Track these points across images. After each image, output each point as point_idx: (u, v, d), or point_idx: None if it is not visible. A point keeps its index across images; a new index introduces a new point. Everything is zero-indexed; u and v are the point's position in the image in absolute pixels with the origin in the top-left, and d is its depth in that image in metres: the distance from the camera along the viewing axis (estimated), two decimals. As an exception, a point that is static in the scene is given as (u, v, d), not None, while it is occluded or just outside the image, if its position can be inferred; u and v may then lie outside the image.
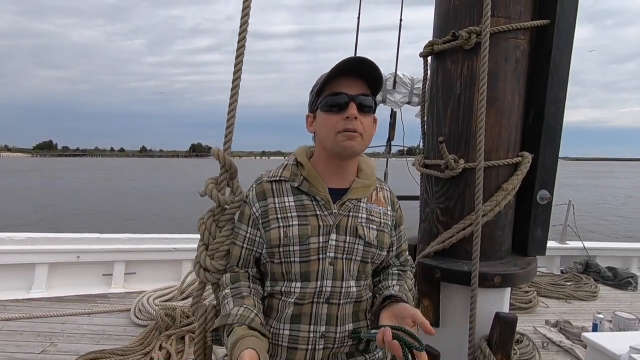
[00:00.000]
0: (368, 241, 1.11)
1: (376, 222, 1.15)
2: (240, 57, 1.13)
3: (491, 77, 1.33)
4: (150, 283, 4.14)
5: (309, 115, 1.15)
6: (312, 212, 1.08)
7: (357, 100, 1.04)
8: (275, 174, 1.14)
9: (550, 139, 1.43)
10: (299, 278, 1.07)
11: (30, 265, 3.97)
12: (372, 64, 1.06)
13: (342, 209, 1.10)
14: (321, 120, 1.08)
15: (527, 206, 1.47)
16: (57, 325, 3.24)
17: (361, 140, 1.06)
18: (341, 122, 1.04)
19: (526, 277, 1.40)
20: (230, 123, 1.14)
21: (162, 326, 3.05)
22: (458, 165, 1.38)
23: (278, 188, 1.12)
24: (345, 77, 1.05)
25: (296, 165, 1.14)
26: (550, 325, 3.58)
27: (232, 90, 1.13)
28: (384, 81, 4.34)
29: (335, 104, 1.04)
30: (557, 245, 5.35)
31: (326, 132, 1.06)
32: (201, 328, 1.14)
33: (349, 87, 1.05)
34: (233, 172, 1.17)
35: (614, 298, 4.47)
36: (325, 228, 1.07)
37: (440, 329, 1.43)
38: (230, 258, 1.14)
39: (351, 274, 1.10)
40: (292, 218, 1.07)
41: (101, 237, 4.44)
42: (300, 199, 1.10)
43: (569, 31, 1.39)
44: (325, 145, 1.09)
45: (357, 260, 1.11)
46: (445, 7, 1.44)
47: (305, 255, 1.06)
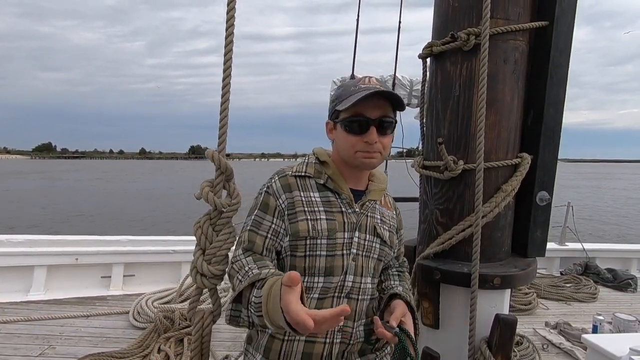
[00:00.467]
0: (384, 240, 1.18)
1: (387, 223, 1.22)
2: (228, 54, 1.10)
3: (490, 79, 1.33)
4: (149, 285, 4.13)
5: (329, 123, 1.18)
6: (338, 208, 1.12)
7: (378, 123, 1.07)
8: (299, 170, 1.16)
9: (550, 140, 1.43)
10: (322, 273, 1.09)
11: (29, 267, 3.96)
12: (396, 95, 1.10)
13: (363, 208, 1.16)
14: (341, 136, 1.12)
15: (527, 207, 1.47)
16: (56, 328, 3.23)
17: (380, 157, 1.11)
18: (360, 144, 1.08)
19: (526, 279, 1.39)
20: (223, 124, 1.12)
21: (161, 329, 3.04)
22: (457, 166, 1.38)
23: (303, 183, 1.14)
24: (369, 99, 1.05)
25: (319, 163, 1.17)
26: (550, 327, 3.58)
27: (223, 90, 1.11)
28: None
29: (356, 126, 1.08)
30: (556, 246, 5.35)
31: (345, 148, 1.11)
32: (198, 334, 1.12)
33: (372, 109, 1.07)
34: (229, 174, 1.15)
35: (614, 300, 4.47)
36: (349, 225, 1.12)
37: (440, 330, 1.43)
38: (252, 246, 1.08)
39: (369, 271, 1.16)
40: (319, 212, 1.10)
41: (100, 239, 4.43)
42: (326, 195, 1.13)
43: (567, 32, 1.40)
44: (345, 158, 1.14)
45: (374, 258, 1.17)
46: (444, 9, 1.44)
47: (332, 249, 1.09)
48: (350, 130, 1.08)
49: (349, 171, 1.16)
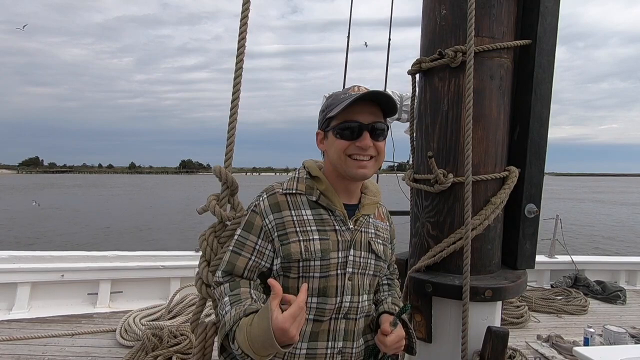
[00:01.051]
0: (379, 255, 1.15)
1: (382, 237, 1.20)
2: (239, 71, 1.14)
3: (477, 94, 1.37)
4: (137, 302, 4.04)
5: (320, 133, 1.15)
6: (331, 227, 1.08)
7: (371, 128, 1.05)
8: (290, 187, 1.11)
9: (536, 153, 1.47)
10: (317, 294, 1.06)
11: (12, 284, 3.84)
12: (388, 95, 1.07)
13: (357, 224, 1.12)
14: (333, 144, 1.08)
15: (515, 220, 1.49)
16: (39, 348, 3.12)
17: (373, 165, 1.09)
18: (353, 147, 1.05)
19: (517, 291, 1.40)
20: (230, 141, 1.16)
21: (149, 347, 2.96)
22: (447, 179, 1.40)
23: (294, 201, 1.09)
24: (359, 103, 1.05)
25: (310, 179, 1.13)
26: (542, 340, 3.58)
27: (232, 108, 1.15)
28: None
29: (348, 131, 1.05)
30: (546, 259, 5.39)
31: (337, 155, 1.07)
32: (200, 346, 1.12)
33: (364, 115, 1.05)
34: (234, 188, 1.18)
35: (604, 312, 4.50)
36: (344, 243, 1.08)
37: (433, 344, 1.43)
38: (232, 268, 1.06)
39: (365, 288, 1.13)
40: (312, 232, 1.06)
41: (86, 254, 4.33)
42: (319, 213, 1.09)
43: (550, 51, 1.45)
44: (336, 167, 1.10)
45: (369, 274, 1.14)
46: (432, 27, 1.49)
47: (325, 270, 1.05)
48: (343, 136, 1.06)
49: (341, 184, 1.12)
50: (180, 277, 4.27)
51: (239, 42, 1.15)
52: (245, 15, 1.15)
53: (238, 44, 1.15)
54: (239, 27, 1.15)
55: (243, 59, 1.16)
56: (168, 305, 3.70)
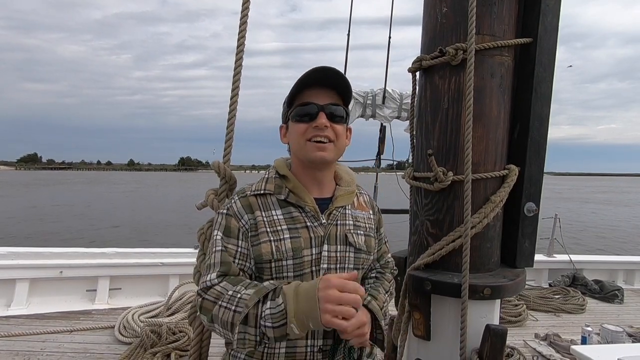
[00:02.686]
0: (358, 248, 1.12)
1: (362, 227, 1.16)
2: (238, 68, 1.15)
3: (478, 92, 1.37)
4: (136, 299, 4.04)
5: (282, 127, 1.15)
6: (302, 224, 1.06)
7: (327, 109, 1.05)
8: (258, 188, 1.09)
9: (536, 152, 1.47)
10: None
11: (11, 280, 3.84)
12: (339, 73, 1.06)
13: (330, 218, 1.10)
14: (292, 130, 1.08)
15: (515, 219, 1.49)
16: (37, 344, 3.12)
17: (333, 149, 1.06)
18: (310, 130, 1.04)
19: (515, 289, 1.41)
20: (229, 137, 1.16)
21: (148, 343, 2.96)
22: (447, 177, 1.40)
23: (263, 202, 1.08)
24: (315, 88, 1.06)
25: (279, 177, 1.11)
26: (539, 338, 3.59)
27: (231, 104, 1.16)
28: (374, 97, 4.41)
29: (305, 113, 1.05)
30: (544, 258, 5.41)
31: (297, 140, 1.07)
32: (198, 338, 1.13)
33: (319, 97, 1.05)
34: (233, 183, 1.19)
35: (601, 311, 4.52)
36: (316, 239, 1.06)
37: (432, 342, 1.43)
38: (229, 268, 1.02)
39: None
40: (282, 231, 1.04)
41: (85, 251, 4.33)
42: (289, 211, 1.07)
43: (551, 49, 1.45)
44: (298, 155, 1.09)
45: (349, 268, 1.11)
46: (433, 25, 1.49)
47: (299, 269, 1.03)
48: (300, 119, 1.05)
49: (309, 175, 1.10)
50: (179, 274, 4.28)
51: (239, 40, 1.15)
52: (245, 15, 1.15)
53: (238, 41, 1.15)
54: (239, 25, 1.15)
55: (242, 56, 1.16)
56: (167, 302, 3.71)
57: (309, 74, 1.03)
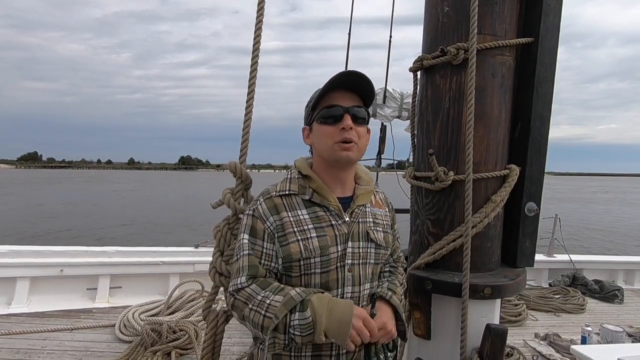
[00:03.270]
0: (379, 244, 1.17)
1: (381, 224, 1.21)
2: (254, 72, 1.17)
3: (479, 92, 1.37)
4: (137, 297, 4.04)
5: (305, 128, 1.19)
6: (327, 222, 1.10)
7: (352, 111, 1.09)
8: (283, 188, 1.13)
9: (537, 152, 1.47)
10: (319, 288, 1.08)
11: (11, 279, 3.84)
12: (364, 76, 1.10)
13: (352, 216, 1.14)
14: (318, 132, 1.12)
15: (515, 218, 1.49)
16: (38, 342, 3.13)
17: (357, 149, 1.11)
18: (337, 133, 1.08)
19: (516, 289, 1.41)
20: (245, 138, 1.19)
21: (148, 342, 2.97)
22: (448, 177, 1.40)
23: (289, 202, 1.11)
24: (339, 91, 1.10)
25: (302, 178, 1.15)
26: (539, 338, 3.59)
27: (247, 106, 1.19)
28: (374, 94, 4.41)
29: (330, 115, 1.09)
30: (545, 258, 5.41)
31: (324, 142, 1.11)
32: (212, 332, 1.14)
33: (343, 100, 1.10)
34: (248, 183, 1.22)
35: (601, 311, 4.52)
36: (341, 237, 1.10)
37: (432, 341, 1.43)
38: (256, 271, 1.07)
39: (367, 277, 1.15)
40: (309, 230, 1.08)
41: (86, 249, 4.34)
42: (314, 211, 1.11)
43: (552, 49, 1.45)
44: (324, 155, 1.13)
45: (370, 263, 1.16)
46: (434, 24, 1.48)
47: (326, 265, 1.08)
48: (326, 121, 1.09)
49: (332, 176, 1.14)
50: (179, 273, 4.28)
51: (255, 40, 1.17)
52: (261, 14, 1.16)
53: (254, 39, 1.18)
54: (255, 27, 1.17)
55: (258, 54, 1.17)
56: (167, 300, 3.71)
57: (334, 78, 1.08)
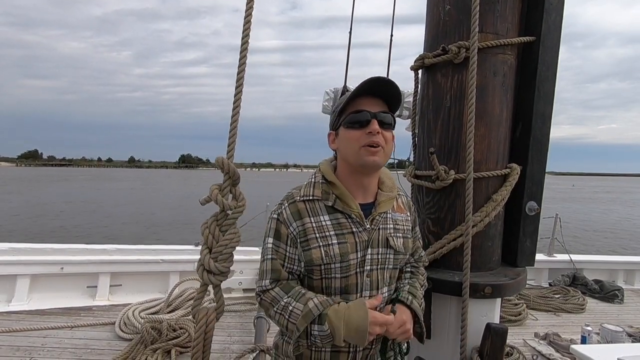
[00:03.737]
0: (398, 250, 1.18)
1: (401, 230, 1.22)
2: (242, 66, 1.15)
3: (480, 91, 1.37)
4: (137, 295, 4.05)
5: (331, 133, 1.21)
6: (349, 229, 1.12)
7: (379, 117, 1.10)
8: (307, 193, 1.16)
9: (538, 151, 1.46)
10: (338, 292, 1.12)
11: (12, 276, 3.85)
12: (391, 82, 1.12)
13: (373, 223, 1.15)
14: (345, 137, 1.13)
15: (516, 217, 1.49)
16: (38, 340, 3.13)
17: (383, 154, 1.12)
18: (364, 137, 1.09)
19: (516, 288, 1.41)
20: (233, 133, 1.18)
21: (148, 340, 2.97)
22: (449, 176, 1.40)
23: (312, 207, 1.14)
24: (366, 97, 1.12)
25: (326, 183, 1.17)
26: (539, 338, 3.59)
27: (235, 99, 1.16)
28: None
29: (357, 121, 1.10)
30: (545, 258, 5.40)
31: (350, 147, 1.12)
32: (201, 330, 1.13)
33: (370, 106, 1.11)
34: (236, 178, 1.21)
35: (601, 311, 4.52)
36: (361, 244, 1.12)
37: (432, 340, 1.43)
38: (279, 275, 1.14)
39: (385, 281, 1.17)
40: (331, 237, 1.11)
41: (86, 247, 4.34)
42: (336, 217, 1.13)
43: (553, 48, 1.44)
44: (350, 160, 1.14)
45: (389, 268, 1.18)
46: (436, 23, 1.48)
47: (346, 271, 1.11)
48: (352, 126, 1.11)
49: (356, 182, 1.16)
50: (179, 271, 4.29)
51: (243, 35, 1.15)
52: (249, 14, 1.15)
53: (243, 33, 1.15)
54: (244, 22, 1.15)
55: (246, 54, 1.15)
56: (167, 298, 3.71)
57: (363, 83, 1.10)
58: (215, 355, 3.02)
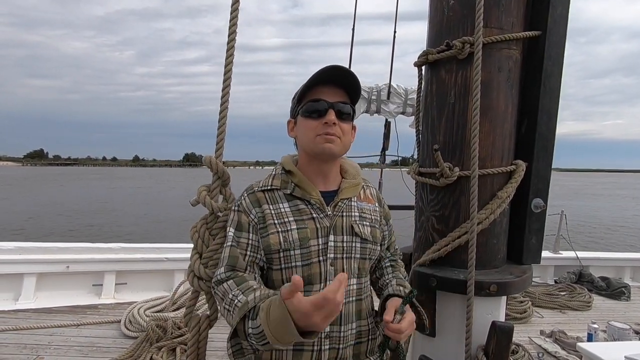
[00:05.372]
0: (364, 238, 1.15)
1: (368, 218, 1.19)
2: (229, 66, 1.14)
3: (485, 87, 1.35)
4: (142, 293, 4.07)
5: (290, 121, 1.19)
6: (309, 215, 1.10)
7: (336, 107, 1.08)
8: (265, 184, 1.14)
9: (544, 147, 1.45)
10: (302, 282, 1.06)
11: (18, 275, 3.89)
12: (351, 73, 1.10)
13: (335, 209, 1.13)
14: (302, 125, 1.12)
15: (522, 215, 1.47)
16: (45, 337, 3.16)
17: (340, 143, 1.10)
18: (320, 127, 1.08)
19: (522, 286, 1.39)
20: (221, 130, 1.16)
21: (153, 338, 2.99)
22: (453, 173, 1.39)
23: (271, 196, 1.12)
24: (325, 86, 1.10)
25: (285, 173, 1.15)
26: (545, 335, 3.57)
27: (222, 98, 1.15)
28: (378, 92, 4.39)
29: (314, 110, 1.08)
30: (550, 255, 5.37)
31: (306, 136, 1.10)
32: (194, 339, 1.12)
33: (328, 95, 1.09)
34: (225, 179, 1.18)
35: (608, 308, 4.48)
36: (322, 230, 1.09)
37: (437, 338, 1.42)
38: (236, 262, 1.06)
39: (352, 272, 1.13)
40: (289, 223, 1.08)
41: (91, 246, 4.37)
42: (295, 204, 1.11)
43: (559, 42, 1.42)
44: (306, 148, 1.13)
45: (356, 257, 1.14)
46: (439, 18, 1.46)
47: (307, 258, 1.07)
48: (309, 115, 1.09)
49: (315, 170, 1.14)
50: (184, 270, 4.30)
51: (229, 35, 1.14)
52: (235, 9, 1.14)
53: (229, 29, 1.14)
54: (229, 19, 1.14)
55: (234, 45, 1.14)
56: (172, 297, 3.73)
57: (321, 71, 1.07)
58: (221, 352, 3.03)
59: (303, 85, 1.11)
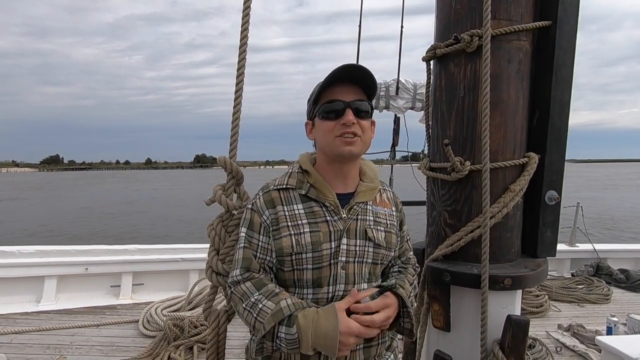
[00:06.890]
0: (378, 243, 1.13)
1: (383, 223, 1.17)
2: (241, 68, 1.16)
3: (495, 79, 1.34)
4: (158, 293, 4.16)
5: (308, 123, 1.18)
6: (322, 218, 1.09)
7: (353, 105, 1.07)
8: (281, 182, 1.13)
9: (556, 139, 1.43)
10: (311, 285, 1.07)
11: (40, 278, 4.00)
12: (365, 69, 1.08)
13: (350, 213, 1.11)
14: (320, 127, 1.10)
15: (536, 207, 1.46)
16: (66, 338, 3.25)
17: (360, 143, 1.08)
18: (338, 127, 1.06)
19: (537, 279, 1.38)
20: (234, 132, 1.18)
21: (171, 336, 3.05)
22: (464, 167, 1.38)
23: (286, 196, 1.11)
24: (340, 85, 1.08)
25: (302, 172, 1.14)
26: (563, 329, 3.52)
27: (235, 100, 1.17)
28: (387, 88, 4.37)
29: (331, 110, 1.07)
30: (566, 248, 5.28)
31: (325, 137, 1.09)
32: (214, 333, 1.15)
33: (345, 94, 1.07)
34: (239, 178, 1.20)
35: (628, 301, 4.39)
36: (335, 233, 1.08)
37: (452, 333, 1.42)
38: (250, 264, 1.08)
39: (362, 276, 1.11)
40: (303, 225, 1.07)
41: (109, 248, 4.47)
42: (310, 206, 1.10)
43: (571, 32, 1.40)
44: (325, 150, 1.11)
45: (368, 262, 1.12)
46: (447, 12, 1.45)
47: (318, 262, 1.06)
48: (327, 117, 1.07)
49: (334, 171, 1.13)
50: (199, 269, 4.37)
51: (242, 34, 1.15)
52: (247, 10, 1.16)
53: (241, 33, 1.16)
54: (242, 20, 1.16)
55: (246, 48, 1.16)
56: (188, 296, 3.80)
57: (334, 72, 1.06)
58: (237, 351, 3.07)
59: (318, 86, 1.10)
